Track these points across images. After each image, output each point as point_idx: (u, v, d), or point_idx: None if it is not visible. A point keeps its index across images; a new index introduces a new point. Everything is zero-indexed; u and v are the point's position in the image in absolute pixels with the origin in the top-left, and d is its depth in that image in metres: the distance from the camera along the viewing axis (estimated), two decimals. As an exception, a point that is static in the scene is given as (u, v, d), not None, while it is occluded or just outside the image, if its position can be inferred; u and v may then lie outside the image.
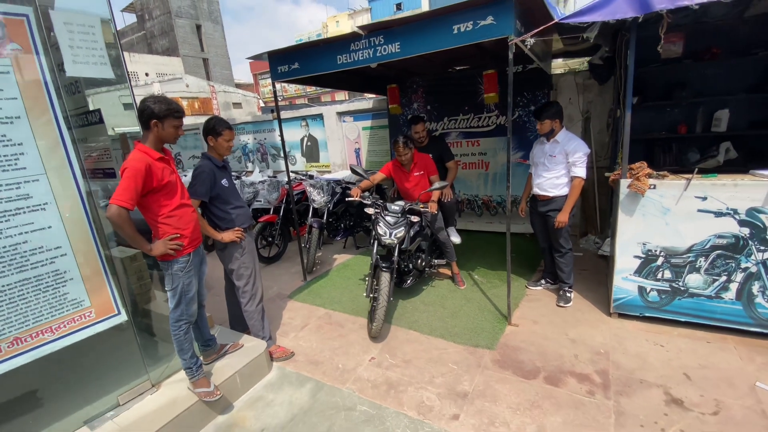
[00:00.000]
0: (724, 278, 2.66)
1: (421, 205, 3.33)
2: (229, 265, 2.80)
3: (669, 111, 4.12)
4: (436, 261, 3.92)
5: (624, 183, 2.81)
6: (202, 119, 7.59)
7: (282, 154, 7.50)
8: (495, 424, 2.14)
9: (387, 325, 3.30)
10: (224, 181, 2.69)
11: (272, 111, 10.19)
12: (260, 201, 5.20)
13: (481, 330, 3.08)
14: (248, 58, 3.63)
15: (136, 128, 2.22)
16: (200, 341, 2.61)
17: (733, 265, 2.61)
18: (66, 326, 1.99)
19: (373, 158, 6.43)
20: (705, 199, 2.60)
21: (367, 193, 3.33)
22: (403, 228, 3.11)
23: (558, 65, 5.59)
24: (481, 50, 3.94)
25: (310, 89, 31.74)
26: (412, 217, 3.27)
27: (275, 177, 5.58)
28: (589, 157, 4.76)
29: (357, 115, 6.40)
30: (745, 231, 2.54)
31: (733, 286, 2.64)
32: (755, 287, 2.59)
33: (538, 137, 3.46)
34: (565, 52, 4.57)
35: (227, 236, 2.67)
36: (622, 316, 3.04)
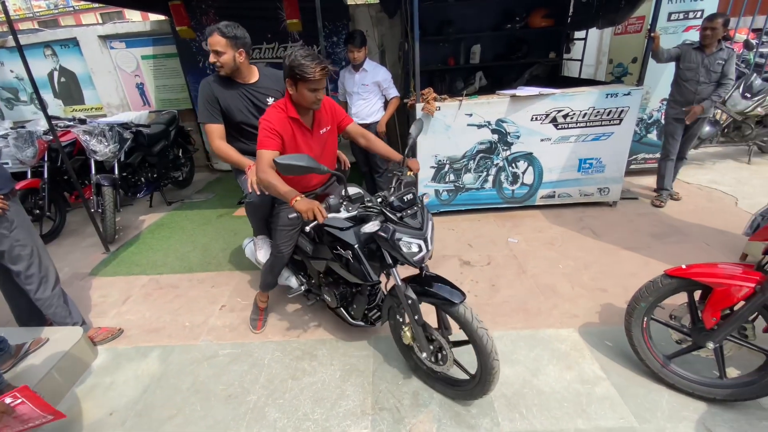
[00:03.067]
0: (484, 173, 3.66)
1: (410, 172, 1.98)
2: (-7, 247, 2.08)
3: (441, 46, 4.97)
4: None
5: (419, 107, 3.37)
6: None
7: (20, 98, 5.47)
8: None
9: (233, 273, 3.20)
10: None
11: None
12: (7, 163, 3.80)
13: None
14: None
15: None
16: (-21, 350, 1.96)
17: (489, 162, 3.61)
18: None
19: (165, 95, 5.43)
20: (471, 115, 3.41)
21: (334, 199, 1.64)
22: (431, 220, 1.78)
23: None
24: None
25: (39, 7, 22.70)
26: (424, 195, 1.90)
27: (23, 128, 4.08)
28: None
29: (130, 40, 5.12)
30: (495, 137, 3.51)
31: (490, 178, 3.68)
32: (502, 176, 3.68)
33: (345, 67, 3.66)
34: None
35: (-23, 209, 1.94)
36: (427, 215, 3.85)
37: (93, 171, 3.88)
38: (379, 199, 1.75)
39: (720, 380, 1.75)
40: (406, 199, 1.69)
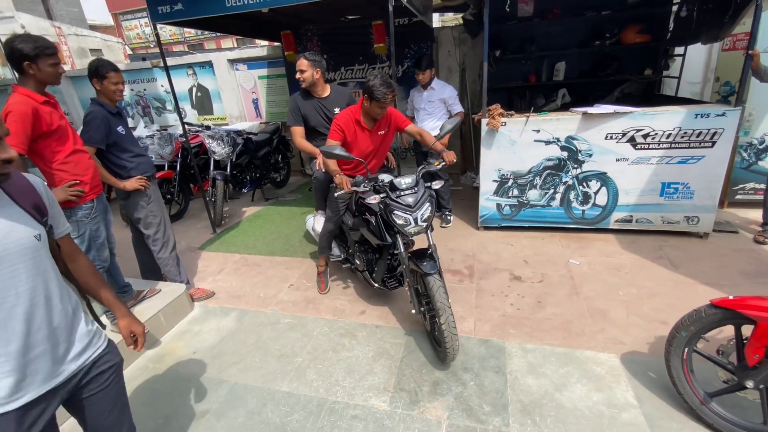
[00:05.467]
0: (552, 191, 3.59)
1: (437, 162, 2.33)
2: (135, 214, 2.82)
3: (523, 63, 4.98)
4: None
5: (484, 122, 3.50)
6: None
7: (167, 107, 6.96)
8: (393, 311, 2.75)
9: (304, 260, 3.69)
10: (120, 129, 2.64)
11: (143, 59, 9.00)
12: (151, 156, 4.91)
13: (382, 252, 3.67)
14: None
15: None
16: (116, 288, 2.67)
17: (558, 180, 3.54)
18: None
19: (274, 109, 6.38)
20: (539, 131, 3.42)
21: (360, 177, 2.25)
22: (428, 203, 2.17)
23: (446, 19, 6.10)
24: (369, 0, 4.19)
25: (189, 34, 27.91)
26: (435, 183, 2.28)
27: (166, 130, 5.26)
28: (464, 101, 5.52)
29: (251, 63, 6.18)
30: (565, 154, 3.44)
31: (558, 196, 3.60)
32: (571, 195, 3.57)
33: (415, 86, 3.96)
34: (443, 7, 5.06)
35: (130, 184, 2.67)
36: (486, 228, 3.90)
37: (212, 168, 4.80)
38: (387, 181, 2.23)
39: (763, 425, 1.56)
40: (404, 183, 2.18)
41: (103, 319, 2.53)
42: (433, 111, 3.72)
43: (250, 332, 2.68)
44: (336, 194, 2.39)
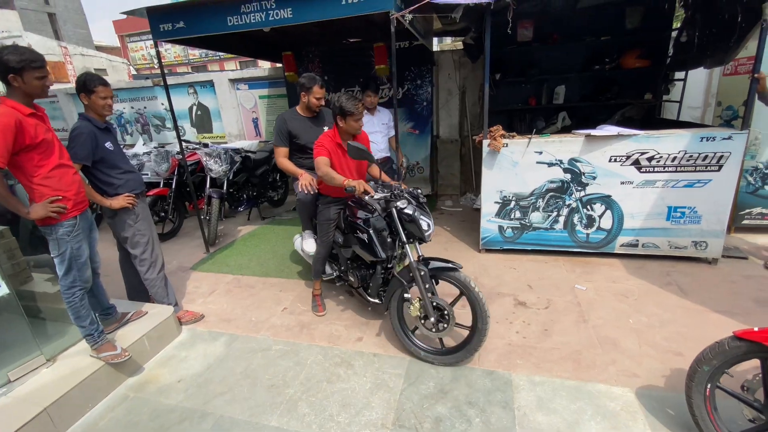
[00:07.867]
0: (555, 213, 3.51)
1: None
2: (122, 233, 2.70)
3: (523, 86, 5.00)
4: None
5: (485, 143, 3.45)
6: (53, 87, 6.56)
7: (166, 125, 6.95)
8: (393, 338, 2.60)
9: (299, 282, 3.55)
10: (108, 144, 2.55)
11: (147, 77, 9.07)
12: (147, 174, 4.83)
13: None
14: (123, 13, 3.30)
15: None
16: (98, 310, 2.52)
17: (561, 203, 3.46)
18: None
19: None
20: (541, 153, 3.36)
21: (372, 183, 2.42)
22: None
23: (444, 45, 6.18)
24: (371, 24, 4.23)
25: (193, 56, 28.53)
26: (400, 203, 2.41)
27: (163, 147, 5.20)
28: (463, 126, 5.52)
29: (252, 82, 6.21)
30: (568, 176, 3.37)
31: (561, 219, 3.51)
32: (575, 218, 3.48)
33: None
34: (444, 32, 5.13)
35: (116, 202, 2.57)
36: (488, 251, 3.79)
37: (208, 185, 4.72)
38: (400, 191, 2.39)
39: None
40: (416, 193, 2.43)
41: (83, 344, 2.38)
42: (388, 132, 3.84)
43: (240, 359, 2.52)
44: (360, 196, 2.41)
